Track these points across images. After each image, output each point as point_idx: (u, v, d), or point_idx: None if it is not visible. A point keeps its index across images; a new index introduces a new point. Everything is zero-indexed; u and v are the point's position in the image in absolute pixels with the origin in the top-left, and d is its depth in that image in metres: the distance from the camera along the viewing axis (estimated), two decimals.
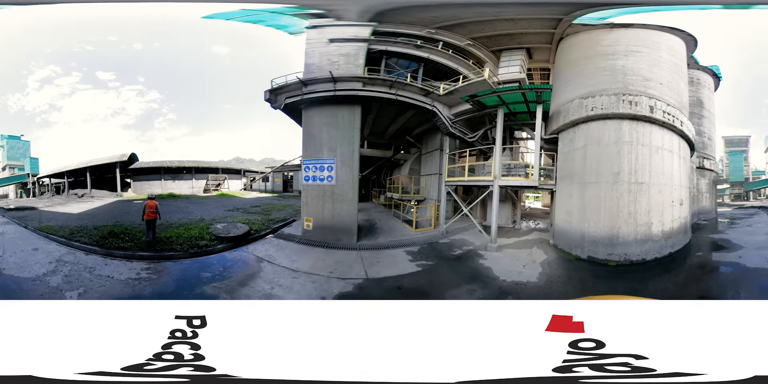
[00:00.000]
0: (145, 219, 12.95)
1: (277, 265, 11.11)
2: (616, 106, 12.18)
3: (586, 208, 12.05)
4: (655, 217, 11.51)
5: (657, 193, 11.68)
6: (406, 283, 9.59)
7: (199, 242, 12.87)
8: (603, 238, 11.43)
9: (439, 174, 16.99)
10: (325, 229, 13.53)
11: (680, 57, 14.95)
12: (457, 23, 16.84)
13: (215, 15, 15.44)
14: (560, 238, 12.91)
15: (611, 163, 11.79)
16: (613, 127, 12.13)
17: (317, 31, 15.88)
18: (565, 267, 11.30)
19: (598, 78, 13.28)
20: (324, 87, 14.39)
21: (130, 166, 31.20)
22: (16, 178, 34.38)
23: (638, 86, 12.75)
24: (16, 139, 36.98)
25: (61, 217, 17.49)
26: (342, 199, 13.71)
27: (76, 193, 30.20)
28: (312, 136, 14.25)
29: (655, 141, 12.00)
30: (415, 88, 15.45)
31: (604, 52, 13.84)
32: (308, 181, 13.96)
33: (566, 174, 13.16)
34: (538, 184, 13.54)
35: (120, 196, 28.71)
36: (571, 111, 13.20)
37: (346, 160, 13.79)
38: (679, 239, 12.15)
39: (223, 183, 35.08)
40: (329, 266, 10.82)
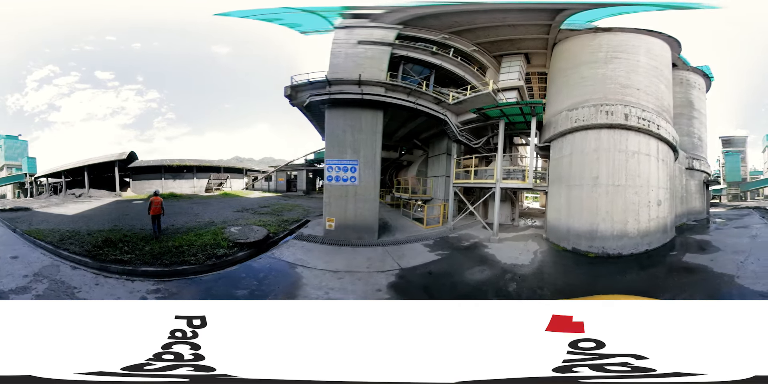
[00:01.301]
0: (151, 214, 12.92)
1: (313, 268, 10.82)
2: (595, 117, 13.54)
3: (571, 207, 13.60)
4: (631, 216, 12.63)
5: (633, 194, 12.79)
6: (433, 269, 11.22)
7: (216, 251, 11.06)
8: (585, 233, 12.91)
9: (446, 176, 18.16)
10: (347, 229, 13.88)
11: (661, 59, 15.85)
12: (468, 29, 17.81)
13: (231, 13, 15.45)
14: (551, 232, 14.52)
15: (591, 169, 13.24)
16: (593, 137, 13.52)
17: (346, 31, 16.59)
18: (552, 255, 13.10)
19: (581, 88, 14.65)
20: (350, 89, 14.71)
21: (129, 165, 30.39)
22: (14, 178, 34.02)
23: (616, 94, 13.92)
24: (14, 139, 36.89)
25: (54, 219, 16.36)
26: (365, 199, 14.20)
27: (73, 193, 29.49)
28: (336, 137, 14.40)
29: (632, 146, 13.13)
30: (429, 97, 16.44)
31: (588, 60, 15.09)
32: (331, 182, 14.13)
33: (556, 177, 14.73)
34: (533, 186, 15.57)
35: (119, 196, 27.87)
36: (559, 122, 14.64)
37: (369, 162, 14.32)
38: (656, 238, 13.03)
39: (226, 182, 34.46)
40: (363, 263, 11.44)
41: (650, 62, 15.06)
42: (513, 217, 18.86)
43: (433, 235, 15.00)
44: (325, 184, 14.20)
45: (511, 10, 16.43)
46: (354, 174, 14.08)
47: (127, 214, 18.03)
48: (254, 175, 38.72)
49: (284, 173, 38.39)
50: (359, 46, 16.09)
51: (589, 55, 15.26)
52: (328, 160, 14.23)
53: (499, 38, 18.56)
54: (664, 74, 15.66)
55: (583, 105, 14.01)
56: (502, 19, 17.06)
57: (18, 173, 34.43)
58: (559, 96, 15.63)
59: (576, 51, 16.04)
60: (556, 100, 15.80)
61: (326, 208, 14.12)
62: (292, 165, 38.35)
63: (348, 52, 15.86)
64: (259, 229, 13.44)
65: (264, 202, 24.12)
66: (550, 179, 15.36)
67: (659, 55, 15.83)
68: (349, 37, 16.20)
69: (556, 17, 16.02)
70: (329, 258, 11.69)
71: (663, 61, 16.02)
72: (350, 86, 14.77)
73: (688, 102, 22.76)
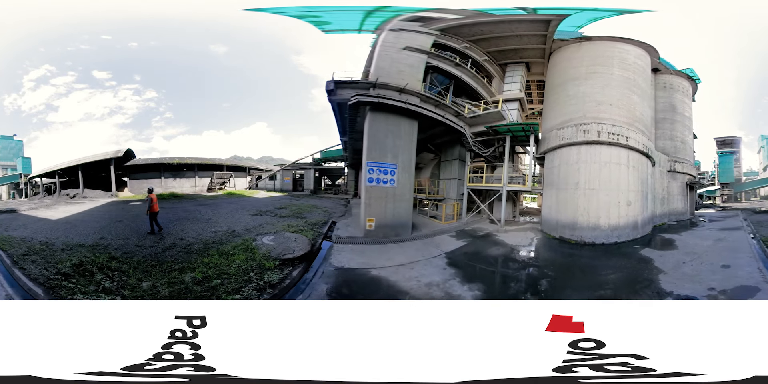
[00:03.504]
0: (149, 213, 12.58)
1: (382, 267, 10.86)
2: (576, 136, 16.65)
3: (559, 206, 16.85)
4: (603, 213, 15.62)
5: (604, 196, 15.74)
6: (466, 250, 13.98)
7: (265, 276, 8.38)
8: (568, 225, 16.12)
9: (458, 179, 20.68)
10: (386, 227, 14.82)
11: (634, 68, 18.31)
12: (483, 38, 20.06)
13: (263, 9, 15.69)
14: (545, 224, 17.90)
15: (574, 176, 16.40)
16: (575, 151, 16.66)
17: (396, 34, 17.83)
18: (544, 241, 16.42)
19: (567, 107, 17.77)
20: (394, 95, 15.69)
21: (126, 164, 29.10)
22: (8, 179, 33.33)
23: (593, 112, 16.95)
24: (9, 139, 36.60)
25: (35, 224, 14.12)
26: (401, 199, 15.45)
27: (68, 194, 28.30)
28: (378, 140, 15.17)
29: (604, 157, 16.11)
30: (451, 110, 18.36)
31: (573, 76, 18.14)
32: (372, 184, 14.78)
33: (549, 183, 18.05)
34: (531, 189, 19.47)
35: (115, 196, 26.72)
36: (551, 139, 17.92)
37: (406, 166, 15.66)
38: (625, 232, 15.68)
39: (229, 181, 33.55)
40: (416, 253, 12.72)
41: (623, 74, 17.65)
42: (515, 214, 21.83)
43: (451, 229, 17.21)
44: (366, 186, 14.67)
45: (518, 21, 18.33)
46: (393, 177, 15.09)
47: (120, 220, 15.37)
48: (257, 173, 38.01)
49: (290, 172, 37.97)
50: (403, 52, 17.38)
51: (573, 70, 18.14)
52: (369, 162, 14.75)
53: (507, 47, 20.71)
54: (637, 83, 17.97)
55: (568, 124, 17.12)
56: (513, 29, 19.15)
57: (13, 173, 33.93)
58: (552, 113, 18.79)
59: (565, 65, 18.81)
60: (549, 116, 19.02)
61: (367, 209, 14.68)
62: (298, 164, 38.02)
63: (393, 56, 17.10)
64: (297, 237, 11.99)
65: (277, 203, 22.78)
66: (544, 184, 18.58)
67: (633, 63, 18.19)
68: (396, 42, 17.38)
69: (549, 27, 18.10)
70: (385, 255, 12.12)
71: (637, 69, 18.28)
72: (393, 93, 15.74)
73: (670, 106, 23.26)
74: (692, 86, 24.76)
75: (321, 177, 41.52)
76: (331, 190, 39.50)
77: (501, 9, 17.21)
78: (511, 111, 20.55)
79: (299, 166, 38.19)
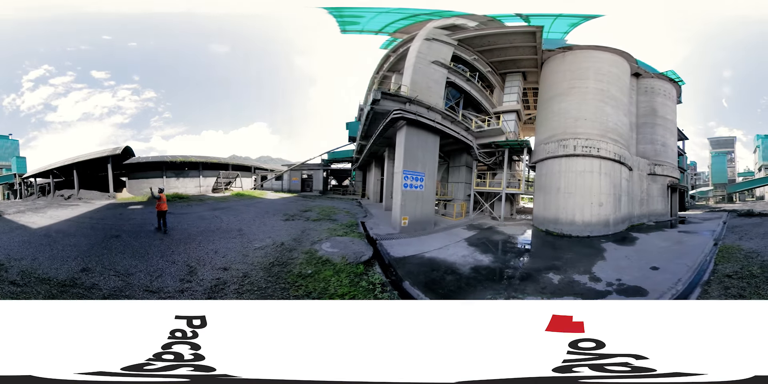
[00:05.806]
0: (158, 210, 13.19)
1: (432, 250, 14.03)
2: (557, 150, 20.14)
3: (546, 205, 20.49)
4: (578, 212, 19.04)
5: (579, 197, 19.17)
6: (478, 237, 17.29)
7: (368, 278, 8.30)
8: (552, 220, 19.78)
9: (465, 183, 24.25)
10: (416, 223, 17.76)
11: (608, 77, 20.54)
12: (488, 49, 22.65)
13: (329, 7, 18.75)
14: (536, 220, 21.27)
15: (556, 182, 20.03)
16: (557, 162, 20.20)
17: (428, 44, 20.24)
18: (535, 232, 19.88)
19: (552, 123, 21.03)
20: (423, 112, 18.25)
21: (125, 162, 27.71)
22: (2, 179, 32.80)
23: (571, 128, 20.08)
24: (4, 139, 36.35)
25: (8, 234, 11.83)
26: (428, 200, 18.66)
27: (62, 195, 26.68)
28: (411, 152, 17.76)
29: (579, 167, 19.47)
30: (461, 125, 21.46)
31: (557, 93, 21.11)
32: (407, 188, 17.58)
33: (538, 187, 21.67)
34: (525, 192, 23.82)
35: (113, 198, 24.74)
36: (539, 152, 21.47)
37: (431, 174, 18.69)
38: (596, 229, 18.72)
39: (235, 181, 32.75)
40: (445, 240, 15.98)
41: (597, 85, 20.31)
42: (512, 212, 25.60)
43: (462, 224, 20.58)
44: (402, 190, 17.41)
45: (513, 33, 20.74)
46: (421, 183, 18.11)
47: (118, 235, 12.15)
48: (263, 173, 37.48)
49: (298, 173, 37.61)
50: (431, 66, 20.17)
51: (557, 85, 21.21)
52: (405, 170, 17.54)
53: (506, 58, 23.34)
54: (611, 93, 20.42)
55: (551, 140, 20.60)
56: (511, 41, 21.63)
57: (7, 174, 33.39)
58: (542, 128, 22.06)
59: (552, 80, 21.71)
60: (540, 131, 22.37)
61: (402, 209, 17.35)
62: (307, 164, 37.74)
63: (425, 70, 19.91)
64: (352, 241, 13.32)
65: (296, 205, 22.50)
66: (535, 188, 22.17)
67: (607, 72, 20.60)
68: (428, 53, 20.13)
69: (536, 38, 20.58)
70: (425, 244, 15.04)
71: (611, 78, 20.60)
72: (423, 109, 18.57)
73: (651, 110, 23.58)
74: (675, 88, 24.84)
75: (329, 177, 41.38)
76: (339, 191, 39.42)
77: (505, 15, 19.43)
78: (509, 122, 24.04)
79: (308, 166, 37.91)
